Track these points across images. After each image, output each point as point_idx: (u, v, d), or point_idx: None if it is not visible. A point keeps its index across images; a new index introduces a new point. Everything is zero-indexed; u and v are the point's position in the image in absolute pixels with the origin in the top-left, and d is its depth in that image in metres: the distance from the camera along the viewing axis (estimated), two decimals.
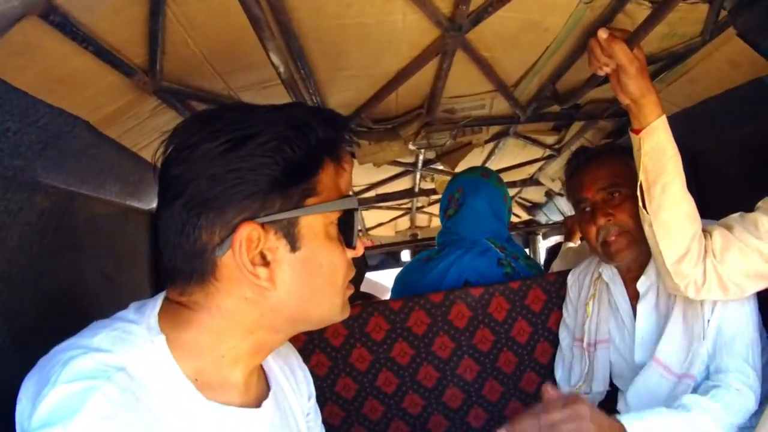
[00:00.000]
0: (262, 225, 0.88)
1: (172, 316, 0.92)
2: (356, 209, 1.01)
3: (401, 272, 2.56)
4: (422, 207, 4.40)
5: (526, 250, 4.76)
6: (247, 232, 0.87)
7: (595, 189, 1.76)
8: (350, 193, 1.02)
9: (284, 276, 0.91)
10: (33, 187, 1.19)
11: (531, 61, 1.68)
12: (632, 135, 1.48)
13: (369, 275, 5.03)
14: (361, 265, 1.98)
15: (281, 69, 1.16)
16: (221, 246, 0.88)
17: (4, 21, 0.40)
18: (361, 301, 2.67)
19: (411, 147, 2.35)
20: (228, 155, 0.86)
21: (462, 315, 2.20)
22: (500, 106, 2.06)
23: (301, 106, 1.01)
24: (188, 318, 0.92)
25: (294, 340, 2.06)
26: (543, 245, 5.67)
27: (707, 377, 1.63)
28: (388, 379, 2.20)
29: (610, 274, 1.89)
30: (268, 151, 0.87)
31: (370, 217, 4.65)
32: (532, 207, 4.73)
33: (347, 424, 2.18)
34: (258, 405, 0.99)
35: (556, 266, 3.38)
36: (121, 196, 1.62)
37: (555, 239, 5.79)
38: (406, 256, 5.46)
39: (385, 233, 5.19)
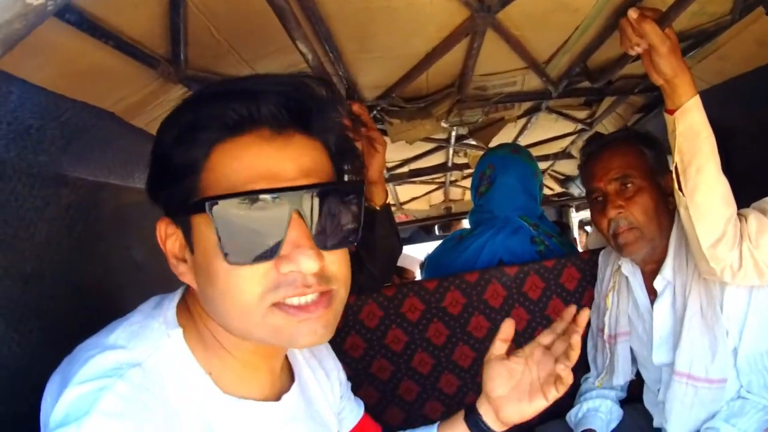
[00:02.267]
0: (173, 220, 0.85)
1: (191, 308, 0.90)
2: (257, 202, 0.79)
3: (433, 253, 2.54)
4: (456, 181, 4.34)
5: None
6: (162, 227, 0.86)
7: (607, 179, 1.71)
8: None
9: (194, 276, 0.86)
10: (59, 182, 1.17)
11: (561, 40, 1.64)
12: (666, 116, 1.43)
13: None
14: (395, 247, 1.94)
15: (309, 56, 1.11)
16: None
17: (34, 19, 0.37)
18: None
19: (443, 124, 2.30)
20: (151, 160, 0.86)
21: (497, 294, 2.18)
22: (532, 82, 2.01)
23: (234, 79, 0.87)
24: (195, 312, 0.90)
25: None
26: (576, 218, 5.60)
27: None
28: (424, 360, 2.19)
29: (629, 267, 1.84)
30: (157, 147, 0.84)
31: (403, 191, 4.60)
32: (565, 180, 4.65)
33: (382, 405, 2.18)
34: (279, 398, 0.96)
35: (591, 240, 3.32)
36: None
37: (588, 212, 5.71)
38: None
39: (419, 207, 5.13)
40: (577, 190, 4.59)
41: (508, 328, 1.21)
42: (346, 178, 0.94)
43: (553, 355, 1.16)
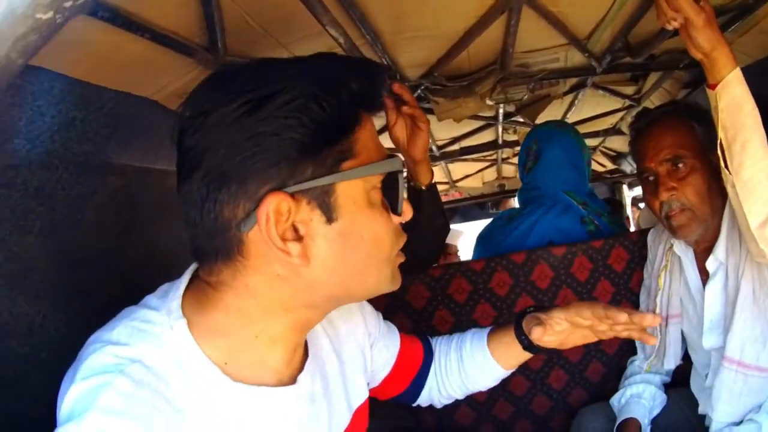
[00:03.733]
0: (292, 195, 0.78)
1: (197, 298, 0.86)
2: (400, 171, 0.89)
3: (483, 232, 2.51)
4: (508, 158, 4.30)
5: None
6: (275, 204, 0.76)
7: (659, 160, 1.66)
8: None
9: (320, 251, 0.81)
10: (106, 169, 1.21)
11: (600, 15, 1.60)
12: (708, 91, 1.38)
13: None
14: (442, 226, 1.93)
15: (341, 40, 1.11)
16: (246, 221, 0.78)
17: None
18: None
19: (488, 102, 2.28)
20: (246, 120, 0.75)
21: (544, 275, 2.15)
22: (575, 58, 1.98)
23: (330, 57, 0.86)
24: (213, 299, 0.85)
25: (375, 303, 2.09)
26: (629, 194, 5.49)
27: None
28: None
29: (681, 247, 1.79)
30: (292, 112, 0.76)
31: (456, 169, 4.58)
32: (617, 156, 4.56)
33: None
34: (294, 381, 0.92)
35: (642, 218, 3.25)
36: None
37: (640, 188, 5.57)
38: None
39: (473, 184, 5.10)
40: (629, 167, 4.50)
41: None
42: None
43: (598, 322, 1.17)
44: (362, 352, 1.17)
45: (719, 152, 1.38)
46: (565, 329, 1.21)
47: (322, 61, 0.85)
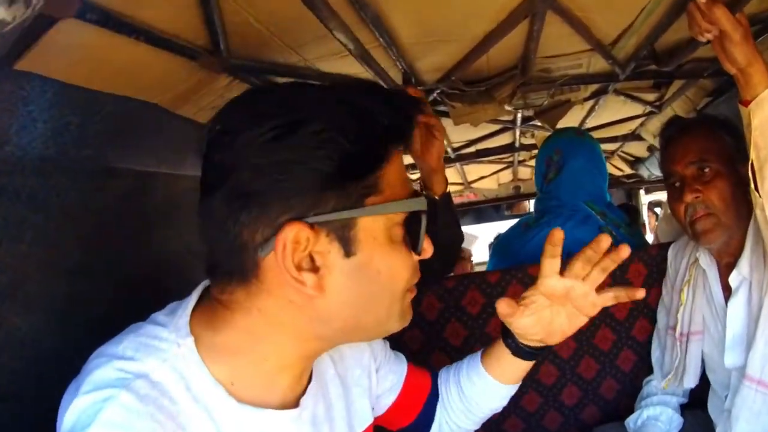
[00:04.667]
0: (312, 225, 0.77)
1: (207, 316, 0.86)
2: (425, 211, 0.88)
3: (499, 241, 2.48)
4: (524, 160, 4.25)
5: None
6: (294, 233, 0.76)
7: (685, 162, 1.64)
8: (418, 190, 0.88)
9: (335, 283, 0.81)
10: (104, 174, 1.17)
11: (627, 22, 1.54)
12: (741, 107, 1.32)
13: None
14: (456, 236, 1.88)
15: (350, 45, 1.06)
16: (264, 246, 0.78)
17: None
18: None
19: (507, 108, 2.22)
20: (273, 144, 0.76)
21: None
22: (598, 64, 1.92)
23: (363, 86, 0.86)
24: (224, 318, 0.85)
25: None
26: (646, 200, 5.47)
27: None
28: None
29: (706, 260, 1.74)
30: (321, 143, 0.76)
31: (471, 170, 4.54)
32: (635, 161, 4.52)
33: None
34: (297, 404, 0.92)
35: (661, 231, 3.18)
36: None
37: (658, 195, 5.57)
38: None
39: (488, 186, 5.06)
40: (646, 172, 4.47)
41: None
42: None
43: (573, 277, 1.13)
44: (368, 376, 1.16)
45: (750, 173, 1.33)
46: (540, 304, 1.15)
47: (357, 91, 0.84)
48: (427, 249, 0.91)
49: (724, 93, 2.33)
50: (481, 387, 1.27)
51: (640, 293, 1.12)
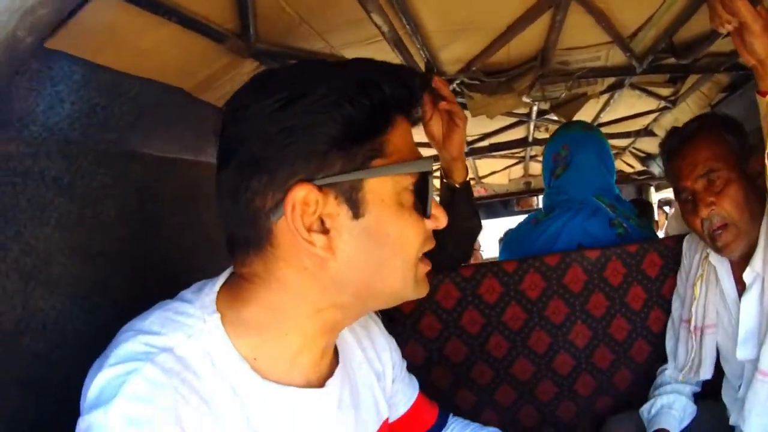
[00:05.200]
0: (320, 188, 0.79)
1: (232, 293, 0.87)
2: (430, 173, 0.89)
3: (511, 235, 2.47)
4: (536, 156, 4.23)
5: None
6: (302, 194, 0.78)
7: (694, 177, 1.61)
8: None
9: (345, 245, 0.82)
10: (129, 157, 1.17)
11: (647, 13, 1.53)
12: (759, 98, 1.31)
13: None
14: (475, 225, 1.87)
15: (385, 28, 1.05)
16: (275, 210, 0.80)
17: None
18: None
19: (525, 99, 2.21)
20: (280, 113, 0.78)
21: (577, 279, 2.09)
22: (616, 57, 1.91)
23: (368, 62, 0.88)
24: (248, 293, 0.86)
25: (404, 303, 2.05)
26: (656, 197, 5.47)
27: None
28: (499, 344, 2.13)
29: (717, 256, 1.73)
30: (325, 107, 0.79)
31: (482, 165, 4.53)
32: (646, 158, 4.49)
33: (454, 387, 2.14)
34: (322, 385, 0.92)
35: (671, 227, 3.18)
36: None
37: (668, 193, 5.56)
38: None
39: (499, 181, 5.05)
40: (657, 168, 4.43)
41: None
42: None
43: None
44: (384, 376, 1.16)
45: (766, 162, 1.31)
46: None
47: (359, 64, 0.87)
48: (439, 217, 0.91)
49: (739, 88, 2.32)
50: None
51: None
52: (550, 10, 1.40)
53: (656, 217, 5.41)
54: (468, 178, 1.74)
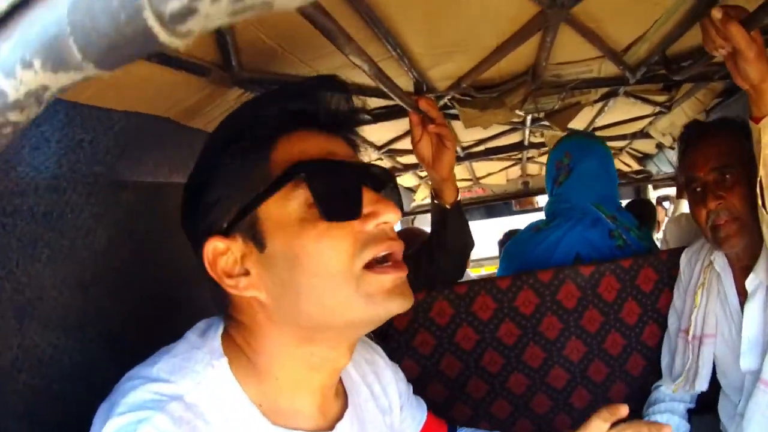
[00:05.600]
0: (226, 235, 0.83)
1: (232, 340, 0.88)
2: (340, 168, 0.86)
3: (510, 244, 2.48)
4: (533, 157, 4.24)
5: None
6: (211, 247, 0.82)
7: (707, 168, 1.64)
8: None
9: (265, 280, 0.83)
10: (118, 187, 1.18)
11: (639, 32, 1.53)
12: (752, 124, 1.32)
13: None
14: (467, 243, 1.88)
15: (365, 67, 1.06)
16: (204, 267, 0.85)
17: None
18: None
19: (518, 113, 2.22)
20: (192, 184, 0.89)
21: (571, 295, 2.11)
22: (608, 69, 1.91)
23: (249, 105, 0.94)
24: (243, 337, 0.87)
25: (398, 320, 2.06)
26: (654, 195, 5.55)
27: None
28: (494, 359, 2.15)
29: (721, 263, 1.74)
30: (207, 163, 0.87)
31: (480, 167, 4.53)
32: (643, 158, 4.52)
33: (450, 402, 2.16)
34: (332, 427, 0.91)
35: (669, 232, 3.18)
36: None
37: (666, 191, 5.64)
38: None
39: (497, 182, 5.05)
40: (654, 168, 4.47)
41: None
42: None
43: None
44: (391, 409, 1.15)
45: (758, 190, 1.33)
46: None
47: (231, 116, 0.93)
48: (379, 210, 0.85)
49: (734, 94, 2.34)
50: None
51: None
52: (539, 32, 1.40)
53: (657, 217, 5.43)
54: (458, 198, 1.75)
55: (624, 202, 4.34)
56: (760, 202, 1.33)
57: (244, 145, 0.83)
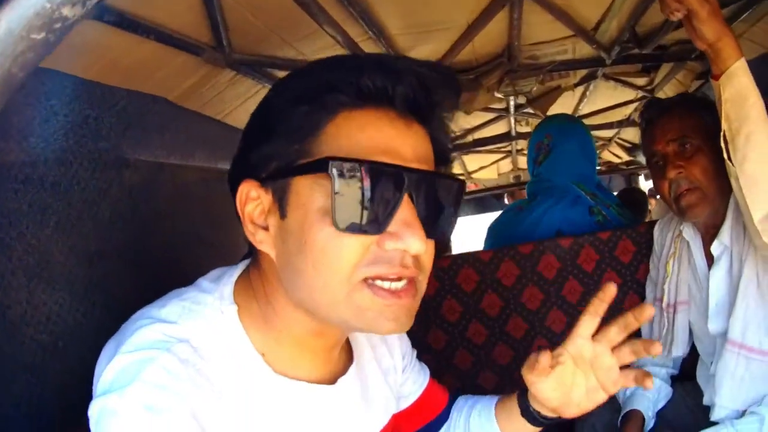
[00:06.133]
0: (261, 184, 0.81)
1: (246, 285, 0.87)
2: (381, 178, 0.76)
3: (494, 223, 2.53)
4: (522, 149, 4.30)
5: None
6: (246, 190, 0.81)
7: (665, 140, 1.68)
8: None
9: (276, 244, 0.81)
10: (121, 164, 1.25)
11: (605, 5, 1.60)
12: (713, 82, 1.37)
13: None
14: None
15: (339, 38, 1.14)
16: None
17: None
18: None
19: (497, 95, 2.29)
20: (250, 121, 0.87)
21: (551, 266, 2.18)
22: (584, 50, 1.99)
23: (318, 64, 0.86)
24: (255, 288, 0.87)
25: None
26: (645, 186, 5.49)
27: None
28: (478, 331, 2.21)
29: (690, 232, 1.79)
30: (270, 108, 0.83)
31: (471, 161, 4.60)
32: (632, 148, 4.56)
33: (437, 374, 2.19)
34: (334, 381, 0.92)
35: (655, 212, 3.24)
36: (211, 161, 1.68)
37: None
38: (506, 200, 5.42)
39: (488, 176, 5.12)
40: (643, 158, 4.46)
41: (545, 361, 1.00)
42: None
43: (607, 346, 1.02)
44: (395, 370, 1.15)
45: (722, 144, 1.38)
46: (565, 368, 1.02)
47: (304, 71, 0.87)
48: (403, 236, 0.77)
49: None
50: (487, 430, 1.22)
51: (656, 348, 0.98)
52: (506, 8, 1.48)
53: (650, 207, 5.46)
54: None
55: (616, 192, 4.39)
56: (725, 156, 1.38)
57: (302, 107, 0.79)
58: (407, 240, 0.77)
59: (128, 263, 1.27)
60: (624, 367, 1.02)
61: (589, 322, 1.02)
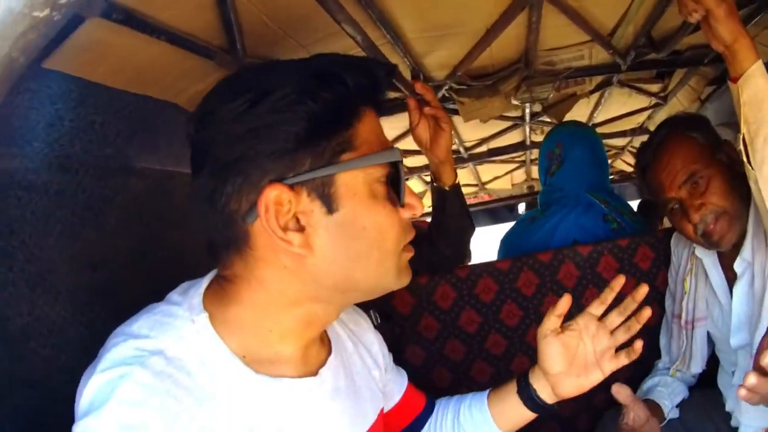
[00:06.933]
0: (292, 186, 0.80)
1: (217, 293, 0.88)
2: (400, 162, 0.90)
3: (507, 234, 2.50)
4: (536, 159, 4.26)
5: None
6: (274, 195, 0.79)
7: (676, 186, 1.61)
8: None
9: (322, 241, 0.83)
10: (127, 172, 1.22)
11: (622, 9, 1.57)
12: (730, 84, 1.34)
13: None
14: (466, 226, 1.91)
15: (358, 38, 1.11)
16: (250, 213, 0.81)
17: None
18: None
19: (513, 101, 2.26)
20: (245, 115, 0.79)
21: (570, 274, 2.13)
22: (600, 55, 1.96)
23: (331, 56, 0.88)
24: (231, 293, 0.88)
25: (401, 305, 2.07)
26: None
27: None
28: (497, 342, 2.17)
29: (703, 250, 1.74)
30: (287, 105, 0.79)
31: (484, 171, 4.56)
32: None
33: (454, 387, 2.16)
34: (316, 373, 0.94)
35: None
36: None
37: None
38: (522, 208, 5.36)
39: (502, 186, 5.09)
40: None
41: (564, 304, 1.21)
42: None
43: (607, 328, 1.22)
44: (377, 366, 1.18)
45: (742, 147, 1.33)
46: (574, 335, 1.20)
47: (320, 59, 0.88)
48: (414, 204, 0.92)
49: (726, 80, 2.34)
50: (479, 420, 1.27)
51: (642, 292, 1.23)
52: (525, 12, 1.45)
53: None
54: (457, 181, 1.78)
55: (633, 204, 4.35)
56: (744, 159, 1.33)
57: (334, 103, 0.82)
58: (417, 207, 0.93)
59: (133, 274, 1.23)
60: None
61: (598, 303, 1.23)
